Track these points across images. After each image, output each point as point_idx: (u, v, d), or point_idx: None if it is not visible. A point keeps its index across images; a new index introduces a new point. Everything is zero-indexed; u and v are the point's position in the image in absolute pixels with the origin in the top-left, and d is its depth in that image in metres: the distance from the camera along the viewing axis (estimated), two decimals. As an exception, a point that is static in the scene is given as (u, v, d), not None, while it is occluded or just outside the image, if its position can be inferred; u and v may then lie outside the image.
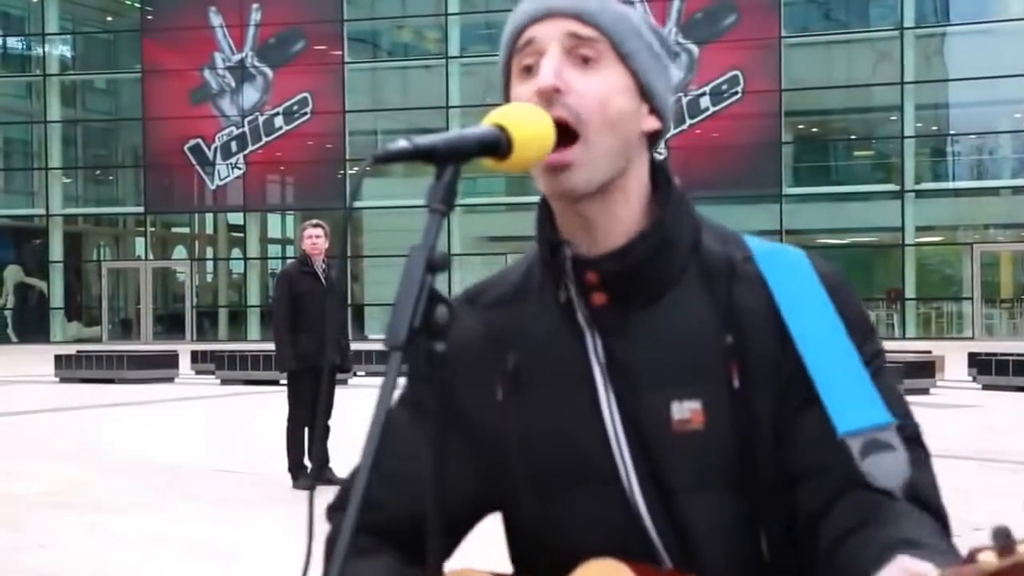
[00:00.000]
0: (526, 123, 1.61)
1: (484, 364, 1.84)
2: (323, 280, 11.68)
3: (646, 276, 1.76)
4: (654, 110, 1.78)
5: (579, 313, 1.78)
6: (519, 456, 1.81)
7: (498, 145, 1.59)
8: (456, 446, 1.81)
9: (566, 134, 1.69)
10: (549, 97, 1.70)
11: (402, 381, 1.89)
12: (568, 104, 1.70)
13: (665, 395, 1.73)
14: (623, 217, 1.77)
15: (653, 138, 1.81)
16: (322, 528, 1.64)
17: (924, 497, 1.67)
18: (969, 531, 9.08)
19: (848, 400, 1.68)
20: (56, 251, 47.89)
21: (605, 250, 1.76)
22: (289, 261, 12.44)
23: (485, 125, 1.60)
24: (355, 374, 22.62)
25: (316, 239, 11.70)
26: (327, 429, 10.89)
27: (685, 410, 1.72)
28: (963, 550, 1.54)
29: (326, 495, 1.37)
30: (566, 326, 1.79)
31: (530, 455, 1.81)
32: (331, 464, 11.29)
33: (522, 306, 1.85)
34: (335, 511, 1.88)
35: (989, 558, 1.22)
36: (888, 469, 1.65)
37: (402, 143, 1.52)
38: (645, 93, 1.76)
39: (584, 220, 1.76)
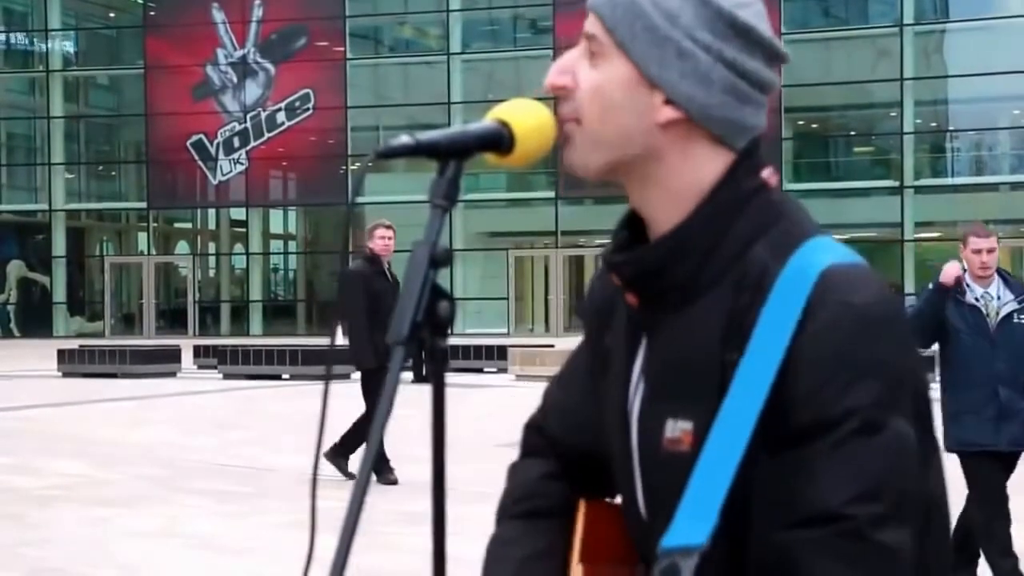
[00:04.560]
0: (528, 118, 1.60)
1: (599, 331, 1.83)
2: (391, 279, 11.81)
3: (659, 282, 1.65)
4: (669, 100, 1.63)
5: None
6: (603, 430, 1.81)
7: (500, 140, 1.58)
8: (587, 384, 1.86)
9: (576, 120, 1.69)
10: (557, 96, 1.68)
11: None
12: (572, 100, 1.66)
13: (664, 409, 1.64)
14: (668, 212, 1.66)
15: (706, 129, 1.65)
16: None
17: None
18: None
19: (694, 503, 1.54)
20: (59, 246, 47.91)
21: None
22: (355, 261, 12.42)
23: (487, 121, 1.60)
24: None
25: (389, 240, 11.81)
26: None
27: (677, 429, 1.62)
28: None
29: (328, 490, 1.45)
30: (631, 322, 1.73)
31: (604, 434, 1.80)
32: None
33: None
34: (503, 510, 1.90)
35: None
36: None
37: (404, 139, 1.53)
38: (652, 83, 1.63)
39: (637, 210, 1.72)
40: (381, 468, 11.48)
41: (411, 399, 3.34)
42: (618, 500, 1.81)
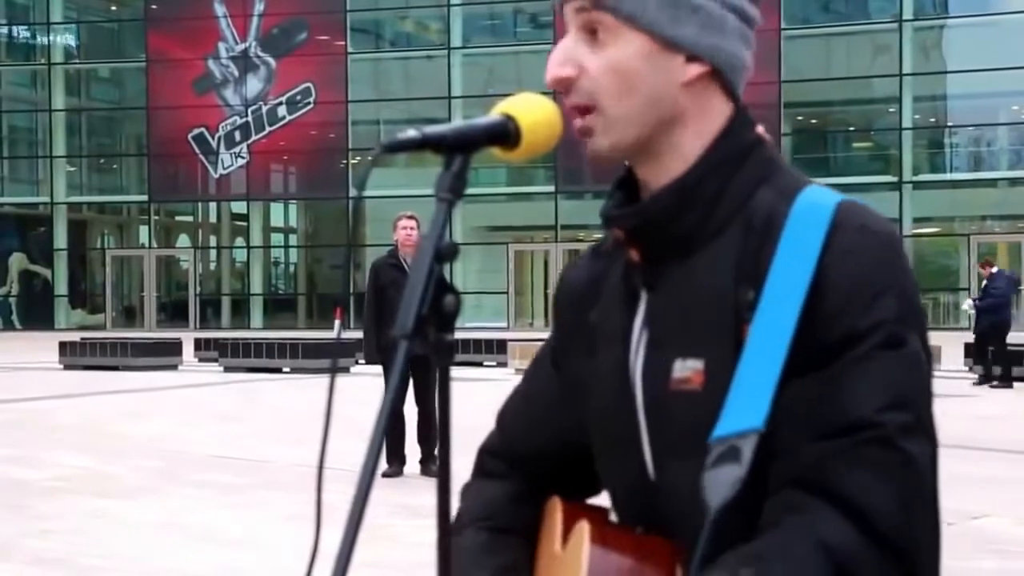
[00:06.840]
0: (534, 112, 1.59)
1: (578, 315, 1.83)
2: (406, 271, 11.58)
3: (665, 231, 1.66)
4: (693, 57, 1.64)
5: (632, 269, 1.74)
6: (589, 413, 1.80)
7: (506, 134, 1.57)
8: (560, 391, 1.86)
9: (587, 108, 1.68)
10: (562, 88, 1.67)
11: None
12: (582, 88, 1.65)
13: (672, 352, 1.65)
14: (676, 172, 1.68)
15: (720, 80, 1.68)
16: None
17: (850, 506, 1.49)
18: (965, 519, 9.23)
19: (742, 399, 1.55)
20: (60, 239, 48.03)
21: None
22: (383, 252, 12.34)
23: (493, 115, 1.59)
24: (357, 362, 22.75)
25: (412, 230, 11.65)
26: (425, 416, 11.06)
27: (686, 368, 1.63)
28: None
29: (329, 483, 1.51)
30: (626, 282, 1.74)
31: (592, 413, 1.79)
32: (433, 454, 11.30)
33: (613, 259, 1.79)
34: (458, 527, 1.87)
35: None
36: (717, 483, 1.52)
37: (411, 132, 1.51)
38: (671, 45, 1.63)
39: (643, 181, 1.72)
40: (392, 459, 11.32)
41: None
42: (591, 501, 1.82)
